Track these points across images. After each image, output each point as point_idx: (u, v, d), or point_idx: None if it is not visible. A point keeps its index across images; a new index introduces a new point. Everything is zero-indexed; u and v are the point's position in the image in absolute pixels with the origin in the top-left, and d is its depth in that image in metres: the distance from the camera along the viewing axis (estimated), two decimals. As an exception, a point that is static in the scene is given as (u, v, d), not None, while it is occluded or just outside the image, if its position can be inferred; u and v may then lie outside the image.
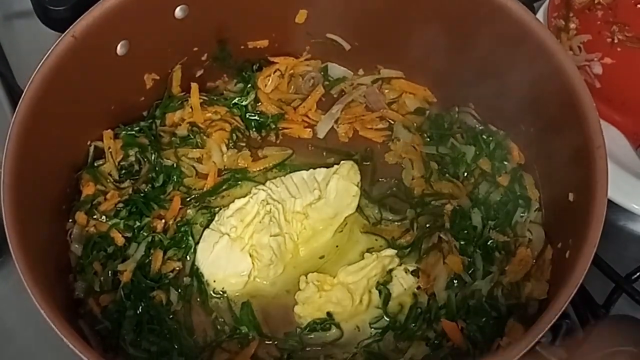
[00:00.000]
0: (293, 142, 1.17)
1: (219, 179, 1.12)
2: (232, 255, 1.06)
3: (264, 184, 1.11)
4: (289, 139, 1.18)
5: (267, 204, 1.08)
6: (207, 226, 1.08)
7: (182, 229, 1.08)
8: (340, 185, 1.11)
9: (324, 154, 1.16)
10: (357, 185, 1.12)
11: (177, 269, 1.05)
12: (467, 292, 1.02)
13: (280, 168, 1.15)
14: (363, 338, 1.03)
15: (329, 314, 1.04)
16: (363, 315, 1.05)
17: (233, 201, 1.09)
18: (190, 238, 1.07)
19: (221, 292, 1.06)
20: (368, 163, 1.15)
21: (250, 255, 1.06)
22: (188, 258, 1.07)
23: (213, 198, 1.12)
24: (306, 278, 1.06)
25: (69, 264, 1.02)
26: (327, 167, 1.13)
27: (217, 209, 1.10)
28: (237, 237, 1.07)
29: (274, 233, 1.07)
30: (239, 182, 1.13)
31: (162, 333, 1.00)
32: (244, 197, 1.09)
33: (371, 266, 1.06)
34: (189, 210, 1.09)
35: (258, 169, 1.14)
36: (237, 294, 1.06)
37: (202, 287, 1.05)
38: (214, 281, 1.06)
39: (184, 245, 1.07)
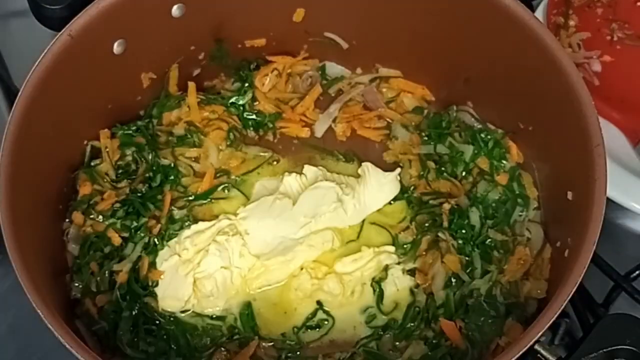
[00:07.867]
0: (290, 141, 1.17)
1: (215, 181, 1.11)
2: (175, 277, 1.03)
3: (235, 215, 1.08)
4: (287, 138, 1.17)
5: (225, 233, 1.06)
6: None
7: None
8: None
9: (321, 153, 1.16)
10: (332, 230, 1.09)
11: (161, 279, 1.03)
12: (466, 291, 1.01)
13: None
14: (361, 337, 1.03)
15: (319, 302, 1.04)
16: (353, 305, 1.04)
17: (216, 216, 1.07)
18: None
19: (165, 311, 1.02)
20: (367, 162, 1.15)
21: (194, 282, 1.03)
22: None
23: (204, 203, 1.10)
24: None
25: (66, 264, 1.02)
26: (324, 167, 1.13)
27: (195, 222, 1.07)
28: (186, 260, 1.04)
29: (222, 265, 1.04)
30: (232, 187, 1.12)
31: (159, 334, 1.00)
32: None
33: (367, 259, 1.06)
34: (178, 212, 1.08)
35: (241, 172, 1.13)
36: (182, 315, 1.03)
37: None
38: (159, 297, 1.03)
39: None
